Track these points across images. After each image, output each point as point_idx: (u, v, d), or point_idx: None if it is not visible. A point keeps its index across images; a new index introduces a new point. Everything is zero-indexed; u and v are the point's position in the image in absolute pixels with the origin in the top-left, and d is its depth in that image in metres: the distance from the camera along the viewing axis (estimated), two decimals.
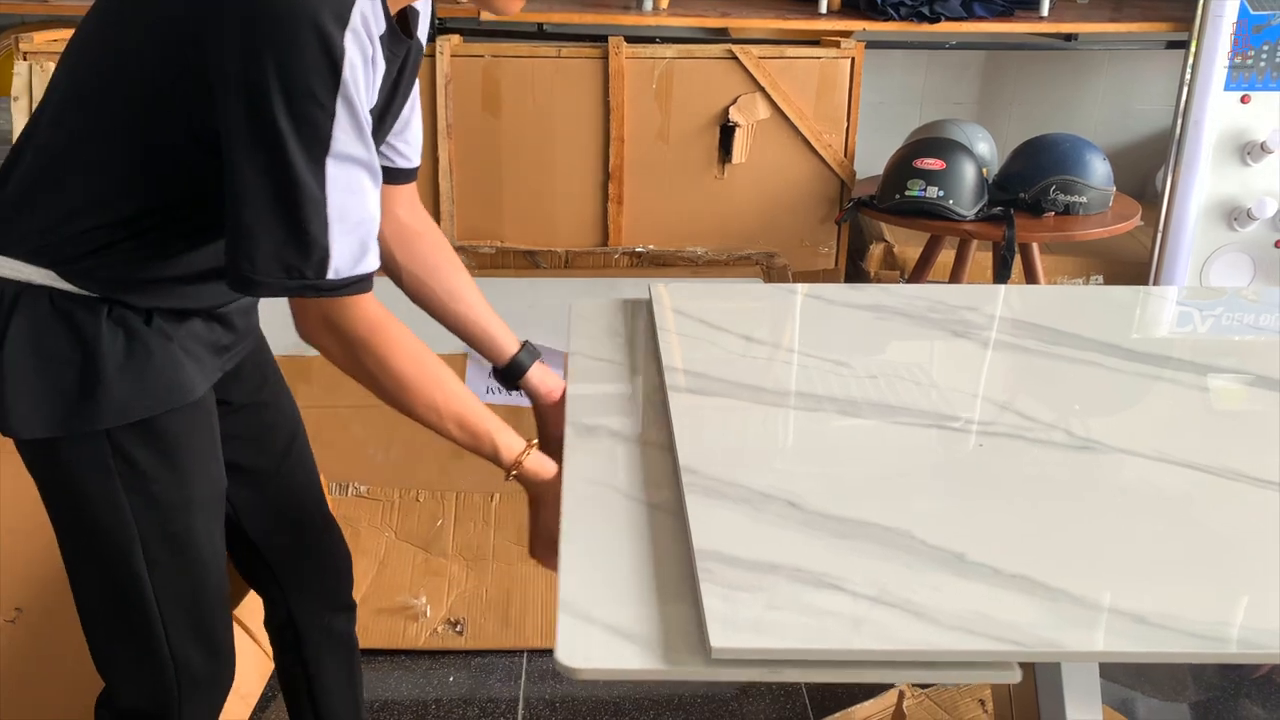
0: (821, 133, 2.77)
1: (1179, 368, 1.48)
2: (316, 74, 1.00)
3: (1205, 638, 0.90)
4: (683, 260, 2.80)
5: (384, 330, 1.14)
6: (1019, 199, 2.71)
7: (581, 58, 2.66)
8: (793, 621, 0.92)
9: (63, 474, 1.20)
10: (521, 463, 1.24)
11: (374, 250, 1.11)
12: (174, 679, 1.30)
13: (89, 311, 1.15)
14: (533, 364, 1.43)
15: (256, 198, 1.03)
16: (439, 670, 2.31)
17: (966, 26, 3.01)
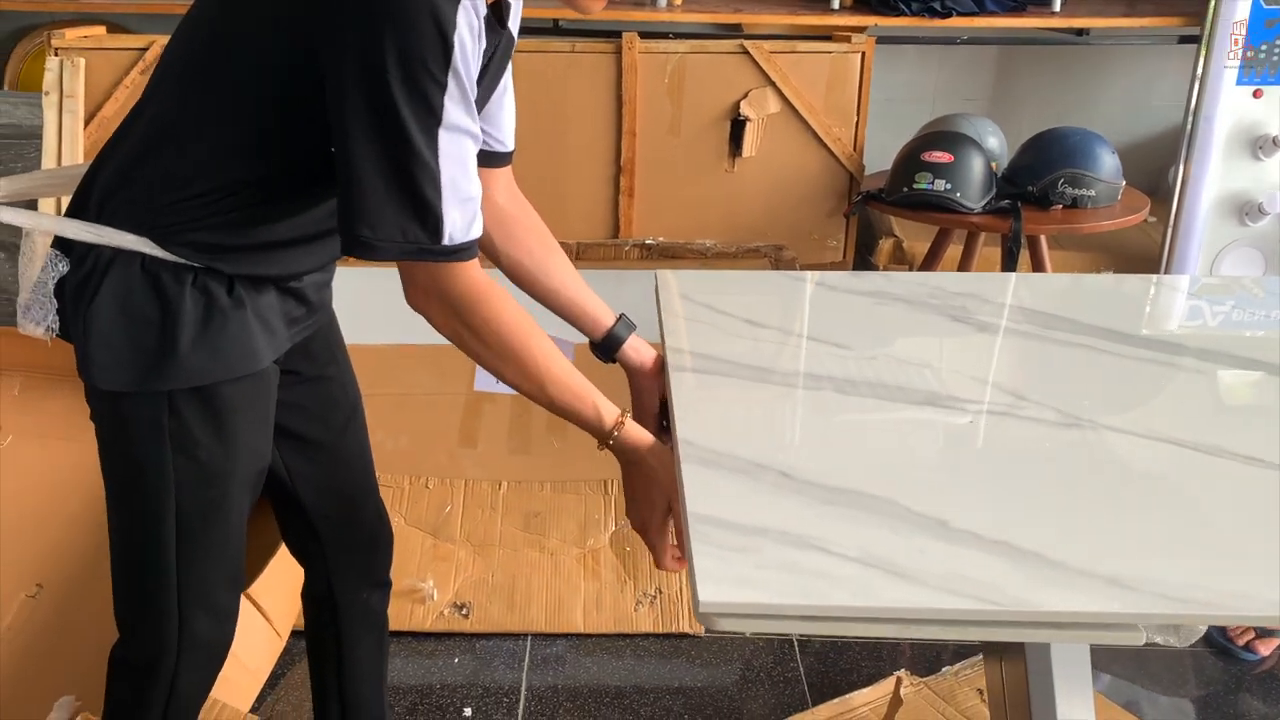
0: (831, 127, 2.80)
1: (1172, 350, 1.49)
2: (430, 47, 1.05)
3: (1179, 600, 0.92)
4: (692, 253, 2.82)
5: (491, 294, 1.19)
6: (1027, 192, 2.73)
7: (595, 53, 2.69)
8: (777, 579, 0.95)
9: (120, 425, 1.26)
10: (623, 424, 1.26)
11: (480, 217, 1.17)
12: (176, 637, 1.35)
13: (175, 277, 1.21)
14: (628, 336, 1.45)
15: (374, 167, 1.08)
16: (444, 652, 2.34)
17: (977, 22, 3.03)
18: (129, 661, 1.39)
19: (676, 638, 2.42)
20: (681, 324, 1.58)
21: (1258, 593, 0.93)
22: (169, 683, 1.37)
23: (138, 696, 1.39)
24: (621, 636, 2.41)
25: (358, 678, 1.63)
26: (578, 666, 2.33)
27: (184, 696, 1.41)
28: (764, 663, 2.36)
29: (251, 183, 1.21)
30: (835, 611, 0.92)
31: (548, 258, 1.46)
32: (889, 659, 2.37)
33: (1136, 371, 1.44)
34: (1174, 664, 2.41)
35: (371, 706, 1.65)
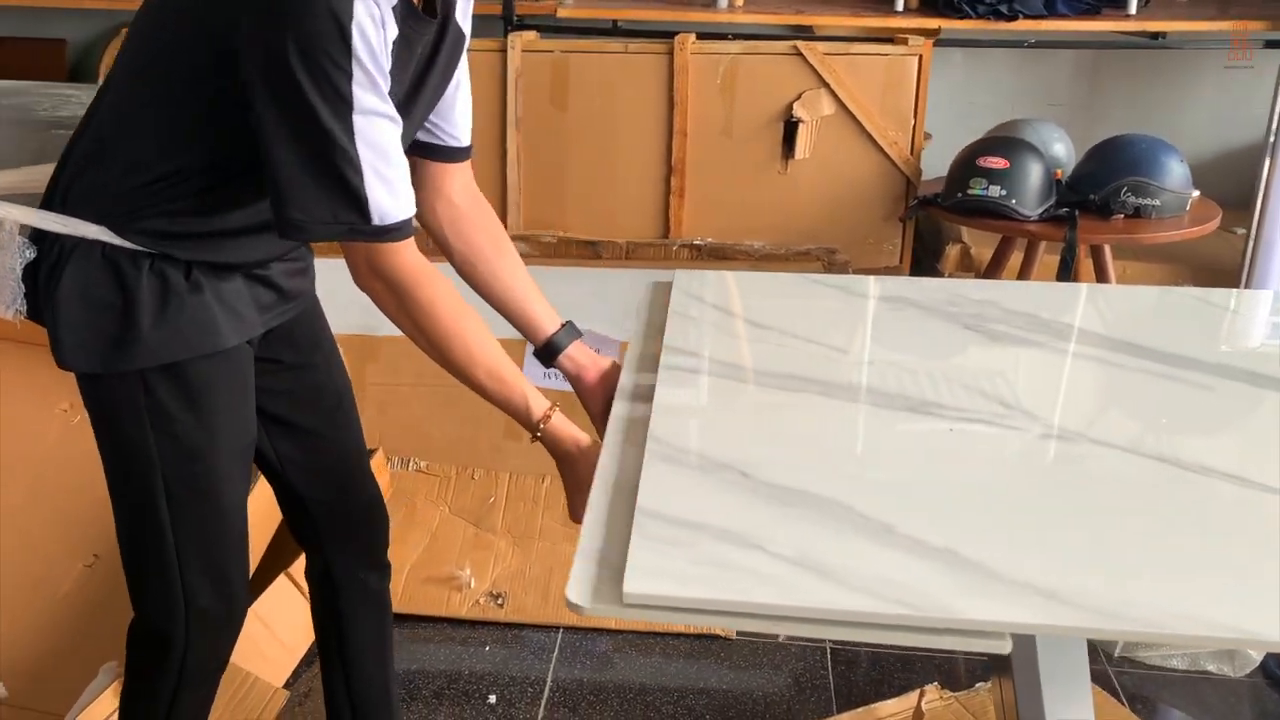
0: (887, 130, 2.76)
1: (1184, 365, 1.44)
2: (328, 35, 1.10)
3: (1113, 615, 0.89)
4: (742, 254, 2.82)
5: (426, 277, 1.23)
6: (1089, 200, 2.65)
7: (648, 53, 2.71)
8: (705, 575, 0.96)
9: (102, 407, 1.34)
10: (549, 417, 1.30)
11: (408, 197, 1.21)
12: (184, 611, 1.40)
13: (132, 263, 1.28)
14: (570, 344, 1.47)
15: (293, 154, 1.14)
16: (476, 639, 2.39)
17: (1046, 24, 2.95)
18: (142, 635, 1.45)
19: (708, 639, 2.42)
20: (685, 324, 1.59)
21: (1199, 614, 0.90)
22: (180, 655, 1.43)
23: (152, 669, 1.46)
24: (652, 634, 2.43)
25: (361, 656, 1.67)
26: (605, 661, 2.35)
27: (196, 669, 1.46)
28: (794, 669, 2.35)
29: (197, 172, 1.26)
30: (755, 609, 0.92)
31: (499, 259, 1.48)
32: (922, 671, 2.33)
33: (1143, 387, 1.40)
34: (1228, 694, 2.32)
35: (376, 683, 1.69)
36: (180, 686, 1.45)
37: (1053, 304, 1.67)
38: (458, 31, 1.35)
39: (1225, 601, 0.92)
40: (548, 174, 2.80)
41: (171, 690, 1.45)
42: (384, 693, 1.71)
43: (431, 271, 1.24)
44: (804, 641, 2.41)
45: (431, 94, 1.36)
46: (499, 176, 2.81)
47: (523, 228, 2.83)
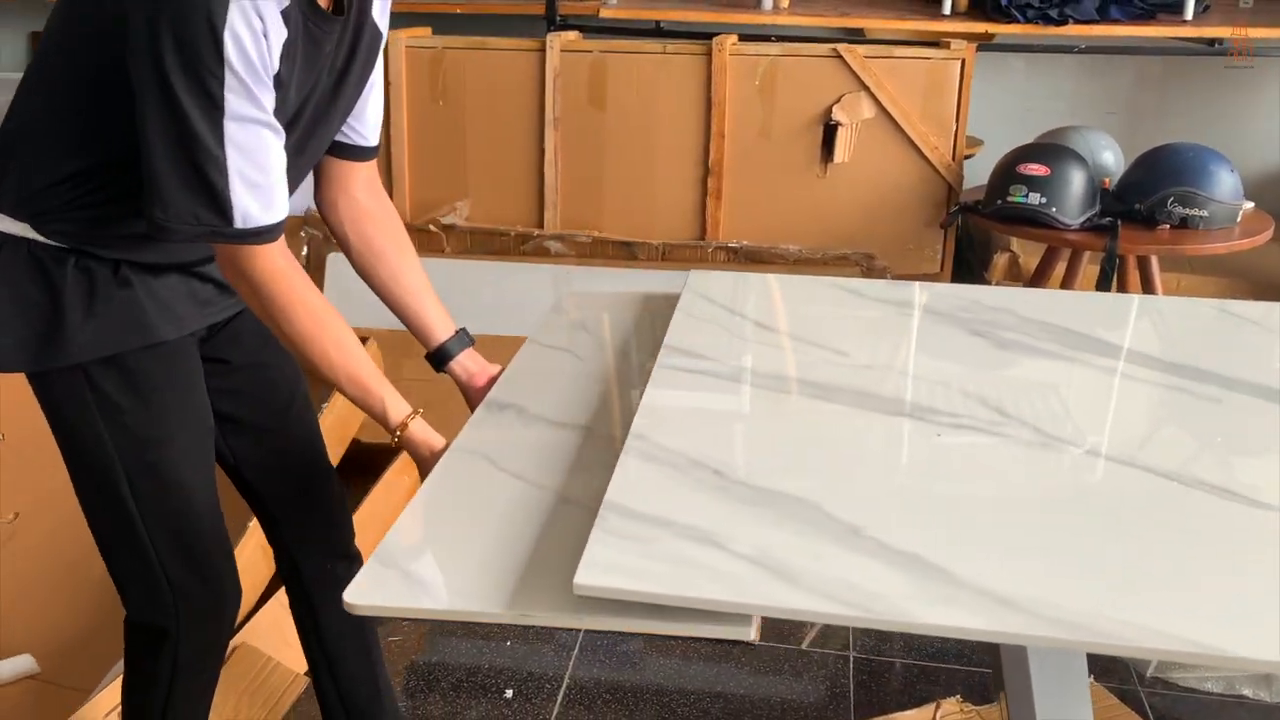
0: (928, 135, 2.73)
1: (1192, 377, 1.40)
2: (203, 41, 1.12)
3: (1069, 625, 0.87)
4: (778, 257, 2.81)
5: (285, 280, 1.24)
6: (1134, 210, 2.59)
7: (686, 54, 2.71)
8: (657, 570, 0.95)
9: (52, 406, 1.35)
10: (407, 425, 1.32)
11: (279, 203, 1.22)
12: (172, 601, 1.42)
13: (57, 261, 1.29)
14: (460, 351, 1.50)
15: (163, 153, 1.16)
16: (499, 634, 2.41)
17: (1098, 30, 2.89)
18: (135, 627, 1.48)
19: (730, 643, 2.41)
20: (690, 324, 1.58)
21: (1160, 627, 0.87)
22: (174, 645, 1.45)
23: (148, 660, 1.48)
24: (673, 637, 2.42)
25: (339, 645, 1.68)
26: (625, 661, 2.35)
27: (192, 657, 1.48)
28: (815, 676, 2.33)
29: (104, 172, 1.27)
30: (703, 605, 0.91)
31: (398, 262, 1.48)
32: (946, 684, 2.30)
33: (1146, 398, 1.37)
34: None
35: (359, 671, 1.70)
36: (176, 674, 1.47)
37: (1069, 313, 1.64)
38: (374, 30, 1.36)
39: (1189, 616, 0.89)
40: (585, 174, 2.82)
41: (168, 679, 1.47)
42: (371, 684, 1.72)
43: (293, 275, 1.25)
44: (827, 650, 2.39)
45: (351, 92, 1.38)
46: (536, 175, 2.83)
47: (559, 227, 2.85)
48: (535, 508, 1.14)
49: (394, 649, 2.35)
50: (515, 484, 1.19)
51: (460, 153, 2.84)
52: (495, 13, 3.11)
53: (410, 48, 2.79)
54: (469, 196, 2.87)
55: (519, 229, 2.83)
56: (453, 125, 2.82)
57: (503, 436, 1.32)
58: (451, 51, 2.78)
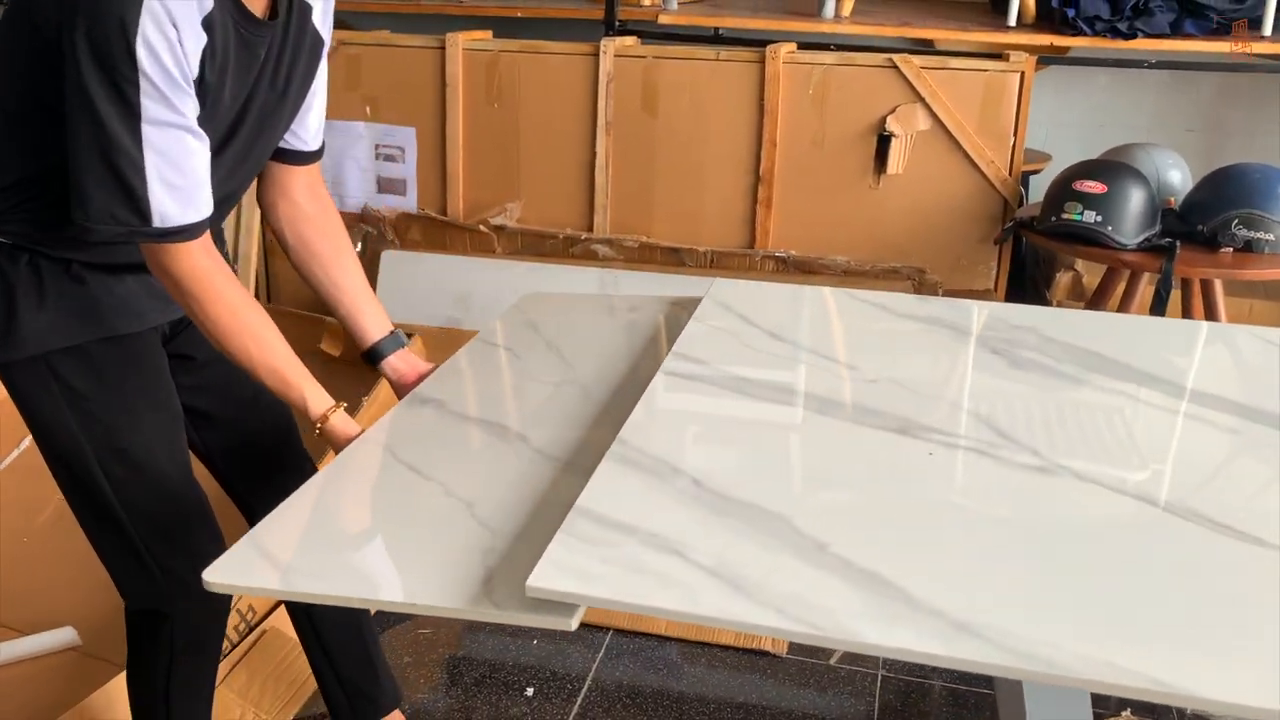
0: (984, 148, 2.67)
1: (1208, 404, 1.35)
2: (116, 46, 1.15)
3: (1022, 655, 0.85)
4: (827, 268, 2.78)
5: (206, 278, 1.28)
6: (1196, 231, 2.50)
7: (739, 61, 2.70)
8: (613, 575, 0.95)
9: (20, 397, 1.40)
10: (327, 418, 1.35)
11: (199, 203, 1.26)
12: (163, 584, 1.45)
13: (10, 259, 1.34)
14: (393, 351, 1.54)
15: (84, 155, 1.20)
16: (525, 633, 2.43)
17: (1169, 44, 2.80)
18: (132, 613, 1.52)
19: (756, 654, 2.39)
20: (702, 332, 1.58)
21: (1119, 662, 0.84)
22: (169, 629, 1.48)
23: (146, 643, 1.52)
24: (701, 644, 2.42)
25: (331, 626, 1.71)
26: (648, 666, 2.35)
27: (188, 639, 1.51)
28: (840, 692, 2.30)
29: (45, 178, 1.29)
30: (651, 613, 0.91)
31: (336, 262, 1.52)
32: (975, 708, 2.25)
33: (1160, 424, 1.32)
34: None
35: (352, 648, 1.73)
36: (175, 657, 1.50)
37: (1096, 335, 1.59)
38: (315, 37, 1.39)
39: (1151, 653, 0.86)
40: (636, 179, 2.82)
41: (167, 662, 1.50)
42: (366, 663, 1.75)
43: (214, 272, 1.29)
44: (856, 666, 2.36)
45: (295, 98, 1.41)
46: (587, 179, 2.85)
47: (609, 231, 2.86)
48: (419, 500, 1.17)
49: (422, 641, 2.38)
50: (407, 475, 1.22)
51: (514, 155, 2.88)
52: (555, 17, 3.14)
53: (468, 50, 2.83)
54: (521, 198, 2.90)
55: (568, 232, 2.86)
56: (507, 127, 2.85)
57: (413, 430, 1.35)
58: (507, 55, 2.81)
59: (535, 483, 1.19)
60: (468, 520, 1.11)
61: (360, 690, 1.78)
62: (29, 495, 2.53)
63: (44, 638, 2.19)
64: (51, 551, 2.41)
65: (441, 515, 1.13)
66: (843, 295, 1.80)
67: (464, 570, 1.02)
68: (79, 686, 2.06)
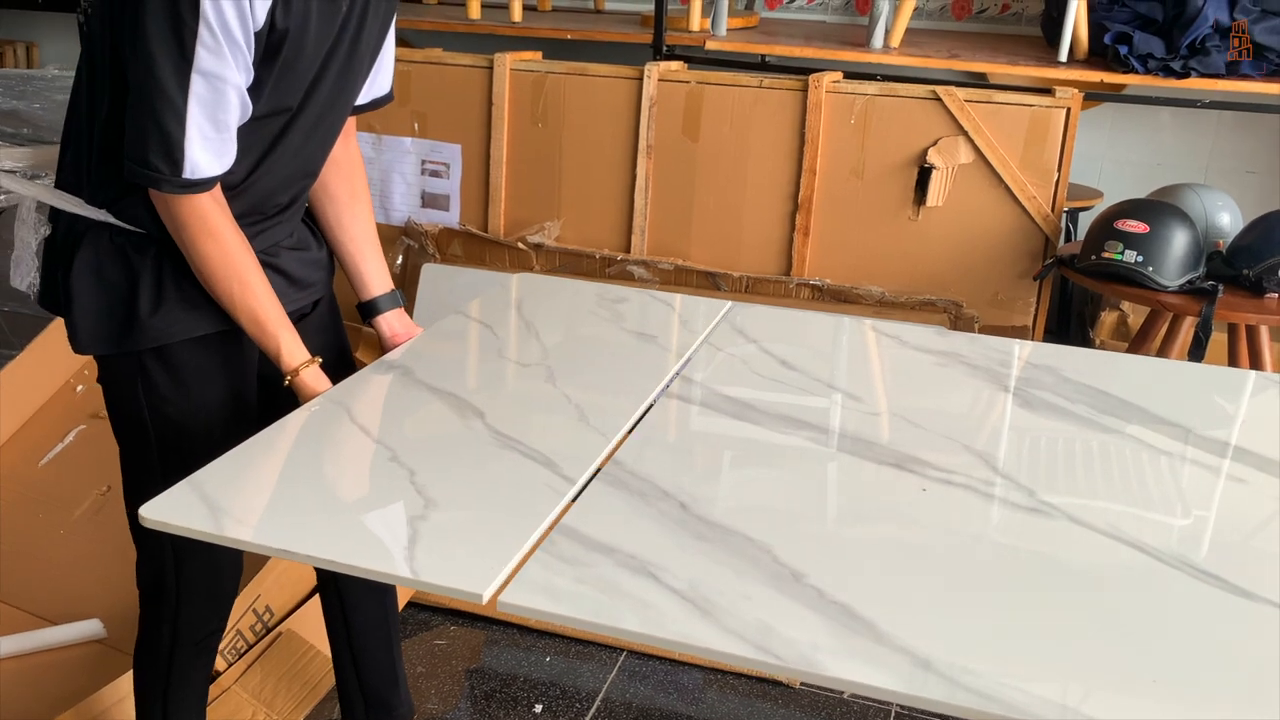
0: (1027, 184, 2.64)
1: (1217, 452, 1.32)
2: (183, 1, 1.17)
3: (979, 694, 0.84)
4: (862, 298, 2.76)
5: (207, 219, 1.30)
6: (1242, 275, 2.44)
7: (782, 89, 2.70)
8: (583, 595, 0.96)
9: (111, 385, 1.45)
10: (299, 371, 1.37)
11: (229, 155, 1.29)
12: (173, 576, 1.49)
13: (137, 248, 1.38)
14: (388, 309, 1.57)
15: (133, 103, 1.23)
16: (540, 649, 2.43)
17: (1223, 84, 2.75)
18: (142, 591, 1.56)
19: (769, 683, 2.38)
20: (714, 356, 1.58)
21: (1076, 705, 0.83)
22: (173, 611, 1.53)
23: (152, 621, 1.56)
24: (714, 671, 2.41)
25: (364, 633, 1.74)
26: (659, 689, 2.35)
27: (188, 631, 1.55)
28: None
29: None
30: (617, 634, 0.91)
31: (349, 209, 1.55)
32: None
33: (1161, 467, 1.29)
34: None
35: (380, 659, 1.75)
36: (175, 645, 1.54)
37: (1116, 377, 1.57)
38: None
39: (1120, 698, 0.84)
40: (675, 202, 2.84)
41: (168, 648, 1.54)
42: (390, 674, 1.77)
43: (218, 213, 1.31)
44: (869, 700, 2.33)
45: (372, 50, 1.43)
46: (627, 200, 2.86)
47: (646, 253, 2.87)
48: (362, 460, 1.20)
49: (438, 653, 2.40)
50: (359, 437, 1.25)
51: (555, 174, 2.91)
52: (604, 40, 3.17)
53: (515, 70, 2.87)
54: (560, 217, 2.92)
55: (605, 252, 2.87)
56: (550, 147, 2.88)
57: (375, 394, 1.38)
58: (554, 76, 2.85)
59: (481, 458, 1.21)
60: (405, 487, 1.14)
61: (380, 699, 1.80)
62: (69, 489, 2.61)
63: (71, 629, 2.25)
64: (86, 545, 2.47)
65: (382, 479, 1.16)
66: (861, 325, 1.79)
67: (391, 533, 1.04)
68: (100, 678, 2.11)
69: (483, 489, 1.14)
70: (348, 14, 1.35)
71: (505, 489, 1.14)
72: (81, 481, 2.63)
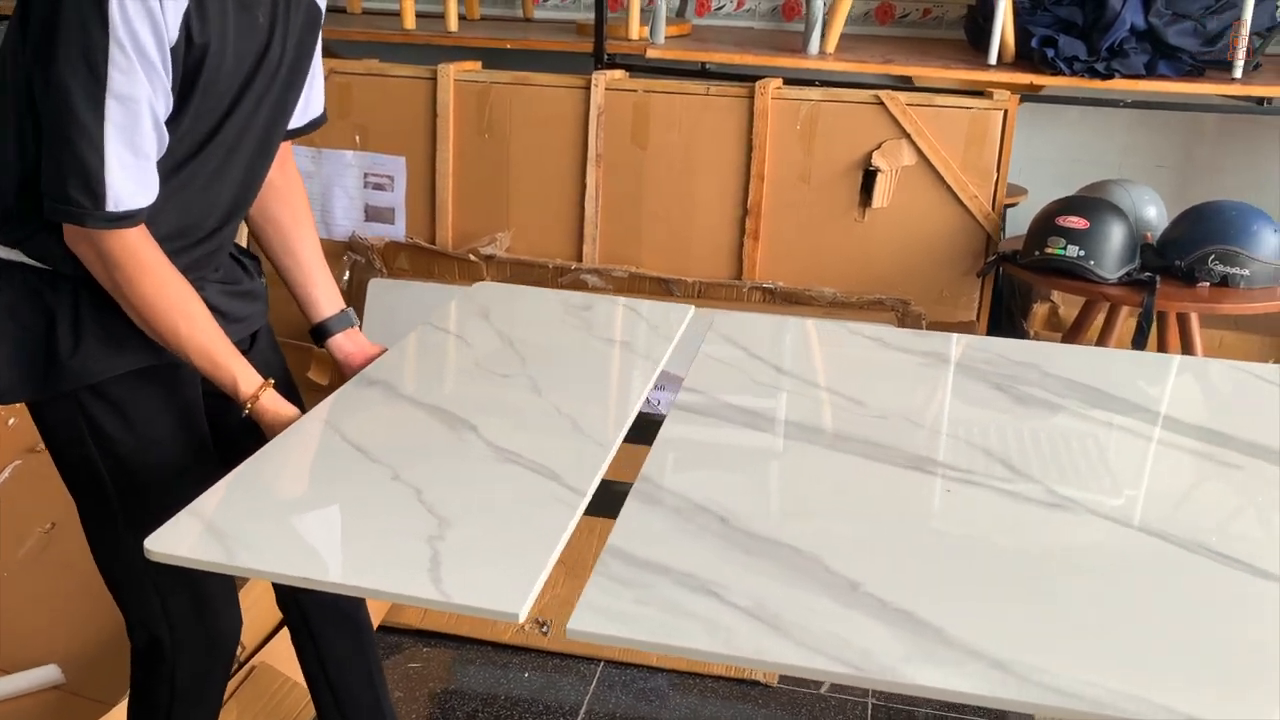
0: (968, 184, 2.72)
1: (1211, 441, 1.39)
2: (90, 17, 1.12)
3: (1060, 692, 0.87)
4: (813, 299, 2.81)
5: (138, 255, 1.23)
6: (1174, 266, 2.56)
7: (729, 96, 2.73)
8: (651, 617, 0.96)
9: (49, 432, 1.37)
10: (258, 398, 1.32)
11: (151, 186, 1.22)
12: (166, 629, 1.42)
13: (52, 286, 1.30)
14: (340, 330, 1.54)
15: (47, 136, 1.16)
16: (517, 665, 2.42)
17: (1145, 85, 2.87)
18: (135, 651, 1.49)
19: (748, 684, 2.40)
20: (711, 365, 1.60)
21: (1152, 697, 0.87)
22: (170, 671, 1.45)
23: (146, 684, 1.49)
24: (693, 675, 2.42)
25: (342, 672, 1.68)
26: (640, 698, 2.35)
27: (188, 684, 1.48)
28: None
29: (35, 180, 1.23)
30: (695, 656, 0.92)
31: (294, 234, 1.51)
32: None
33: (1165, 460, 1.35)
34: None
35: (363, 697, 1.70)
36: (174, 702, 1.48)
37: (1096, 371, 1.63)
38: (310, 7, 1.37)
39: (1186, 688, 0.88)
40: (625, 210, 2.85)
41: (166, 705, 1.47)
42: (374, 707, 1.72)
43: (146, 244, 1.24)
44: (846, 696, 2.37)
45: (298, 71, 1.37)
46: (577, 209, 2.86)
47: (597, 261, 2.88)
48: (364, 480, 1.18)
49: (413, 676, 2.37)
50: (355, 457, 1.23)
51: (504, 185, 2.89)
52: (544, 49, 3.16)
53: (459, 81, 2.85)
54: (510, 228, 2.91)
55: (557, 262, 2.87)
56: (498, 158, 2.87)
57: (361, 412, 1.36)
58: (499, 86, 2.83)
59: (484, 473, 1.21)
60: (415, 505, 1.12)
61: None
62: (10, 529, 2.50)
63: (27, 676, 2.15)
64: (34, 587, 2.37)
65: (390, 499, 1.14)
66: (845, 329, 1.82)
67: (410, 555, 1.03)
68: None
69: (493, 505, 1.14)
70: (269, 29, 1.29)
71: (515, 504, 1.14)
72: (22, 520, 2.52)
